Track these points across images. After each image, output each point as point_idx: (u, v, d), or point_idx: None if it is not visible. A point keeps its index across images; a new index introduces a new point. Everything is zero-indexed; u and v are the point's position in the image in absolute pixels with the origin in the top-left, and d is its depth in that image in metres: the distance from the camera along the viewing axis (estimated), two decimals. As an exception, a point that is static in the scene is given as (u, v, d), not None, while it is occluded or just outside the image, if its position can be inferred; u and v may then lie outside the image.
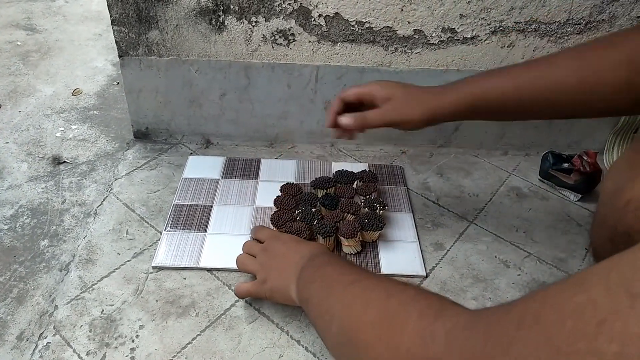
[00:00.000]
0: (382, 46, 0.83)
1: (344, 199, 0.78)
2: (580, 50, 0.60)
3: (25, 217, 0.78)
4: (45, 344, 0.60)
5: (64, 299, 0.65)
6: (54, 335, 0.61)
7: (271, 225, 0.73)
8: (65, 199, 0.81)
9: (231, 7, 0.79)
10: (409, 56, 0.85)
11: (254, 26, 0.81)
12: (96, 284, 0.67)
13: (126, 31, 0.82)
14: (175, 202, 0.80)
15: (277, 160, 0.91)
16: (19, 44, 1.28)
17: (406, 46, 0.84)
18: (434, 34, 0.82)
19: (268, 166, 0.89)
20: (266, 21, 0.81)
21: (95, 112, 1.04)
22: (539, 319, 0.28)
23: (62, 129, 0.98)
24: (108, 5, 0.79)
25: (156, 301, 0.65)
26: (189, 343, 0.60)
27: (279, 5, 0.79)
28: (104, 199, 0.81)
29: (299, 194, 0.78)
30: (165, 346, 0.60)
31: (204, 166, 0.88)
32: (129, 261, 0.70)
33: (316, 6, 0.79)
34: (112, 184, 0.84)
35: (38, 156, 0.90)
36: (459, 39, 0.83)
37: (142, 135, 0.94)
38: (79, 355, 0.58)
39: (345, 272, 0.52)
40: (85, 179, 0.86)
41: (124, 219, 0.77)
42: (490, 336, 0.31)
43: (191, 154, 0.92)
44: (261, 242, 0.68)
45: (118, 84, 1.13)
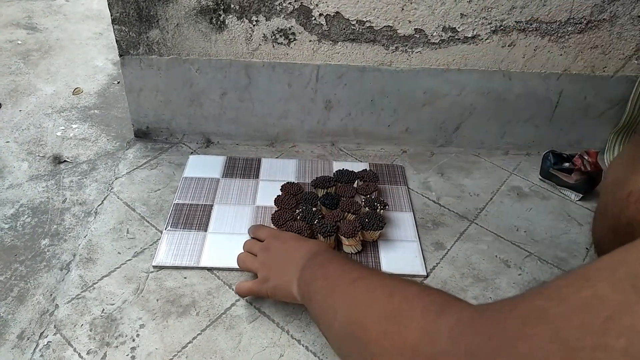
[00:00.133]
0: (383, 45, 0.83)
1: (344, 198, 0.78)
2: None
3: (26, 216, 0.78)
4: (45, 343, 0.60)
5: (64, 298, 0.65)
6: (54, 334, 0.61)
7: (272, 225, 0.73)
8: (66, 198, 0.81)
9: (232, 6, 0.79)
10: (409, 55, 0.85)
11: (254, 25, 0.81)
12: (97, 283, 0.67)
13: (127, 30, 0.82)
14: (176, 202, 0.80)
15: (278, 160, 0.91)
16: (19, 43, 1.28)
17: (407, 45, 0.84)
18: (434, 33, 0.82)
19: (268, 165, 0.89)
20: (267, 20, 0.81)
21: (95, 111, 1.04)
22: (545, 314, 0.28)
23: (63, 128, 0.98)
24: (109, 4, 0.79)
25: (157, 300, 0.65)
26: (189, 342, 0.60)
27: (279, 4, 0.79)
28: (104, 198, 0.81)
29: (300, 193, 0.78)
30: (165, 345, 0.60)
31: (204, 165, 0.88)
32: (129, 260, 0.70)
33: (317, 5, 0.79)
34: (112, 183, 0.84)
35: (39, 155, 0.90)
36: (459, 38, 0.83)
37: (142, 135, 0.94)
38: (79, 354, 0.59)
39: (347, 269, 0.52)
40: (86, 178, 0.86)
41: (124, 218, 0.77)
42: (496, 332, 0.31)
43: (192, 153, 0.92)
44: (261, 241, 0.68)
45: (119, 83, 1.13)
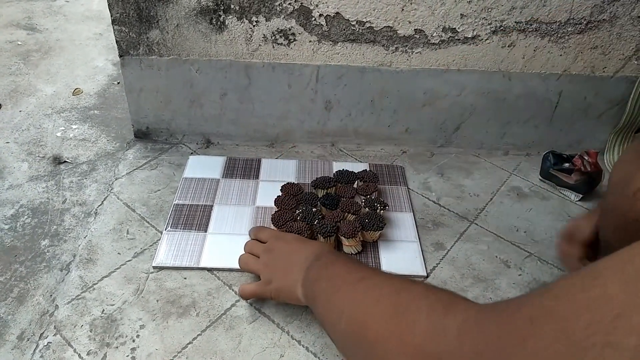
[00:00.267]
0: (383, 46, 0.83)
1: (344, 198, 0.78)
2: None
3: (26, 216, 0.78)
4: (45, 344, 0.60)
5: (64, 299, 0.65)
6: (54, 335, 0.61)
7: (272, 225, 0.73)
8: (66, 199, 0.81)
9: (232, 6, 0.79)
10: (409, 56, 0.85)
11: (254, 26, 0.81)
12: (97, 283, 0.67)
13: (127, 31, 0.82)
14: (176, 202, 0.80)
15: (278, 160, 0.91)
16: (19, 43, 1.28)
17: (407, 46, 0.84)
18: (434, 34, 0.82)
19: (268, 166, 0.89)
20: (267, 21, 0.81)
21: (95, 111, 1.04)
22: (553, 313, 0.28)
23: (63, 128, 0.98)
24: (109, 5, 0.79)
25: (157, 301, 0.65)
26: (189, 343, 0.60)
27: (279, 4, 0.79)
28: (104, 199, 0.81)
29: (300, 194, 0.78)
30: (165, 346, 0.60)
31: (204, 166, 0.88)
32: (129, 261, 0.70)
33: (317, 6, 0.79)
34: (112, 183, 0.84)
35: (38, 156, 0.90)
36: (459, 39, 0.83)
37: (142, 135, 0.94)
38: (79, 355, 0.59)
39: (352, 269, 0.52)
40: (86, 178, 0.86)
41: (124, 218, 0.77)
42: (503, 331, 0.31)
43: (192, 153, 0.92)
44: (263, 242, 0.68)
45: (119, 83, 1.13)
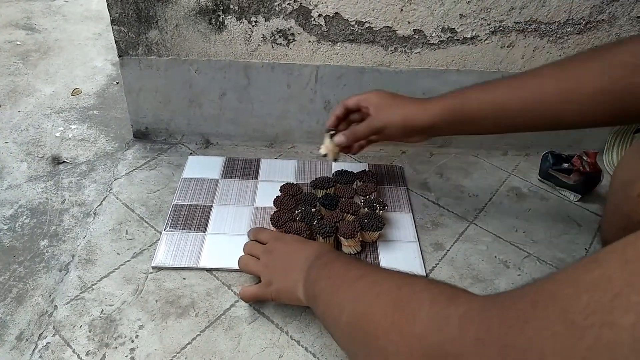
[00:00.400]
0: (382, 46, 0.83)
1: (343, 199, 0.78)
2: (562, 62, 0.62)
3: (25, 217, 0.78)
4: (44, 344, 0.60)
5: (63, 299, 0.65)
6: (53, 335, 0.61)
7: (271, 226, 0.73)
8: (65, 199, 0.81)
9: (231, 6, 0.79)
10: (408, 56, 0.85)
11: (253, 26, 0.81)
12: (96, 284, 0.67)
13: (126, 31, 0.82)
14: (175, 202, 0.80)
15: (277, 160, 0.91)
16: (18, 43, 1.28)
17: (406, 46, 0.84)
18: (433, 34, 0.82)
19: (268, 166, 0.89)
20: (266, 21, 0.81)
21: (94, 111, 1.04)
22: (554, 296, 0.28)
23: (62, 128, 0.98)
24: (108, 5, 0.79)
25: (156, 301, 0.65)
26: (188, 343, 0.60)
27: (278, 5, 0.79)
28: (103, 199, 0.81)
29: (299, 194, 0.78)
30: (164, 346, 0.60)
31: (203, 166, 0.88)
32: (128, 261, 0.70)
33: (316, 6, 0.79)
34: (111, 184, 0.84)
35: (37, 156, 0.90)
36: (458, 39, 0.83)
37: (141, 135, 0.94)
38: (78, 355, 0.58)
39: (353, 267, 0.52)
40: (85, 179, 0.86)
41: (123, 219, 0.77)
42: (505, 317, 0.31)
43: (191, 154, 0.92)
44: (263, 244, 0.68)
45: (117, 83, 1.13)
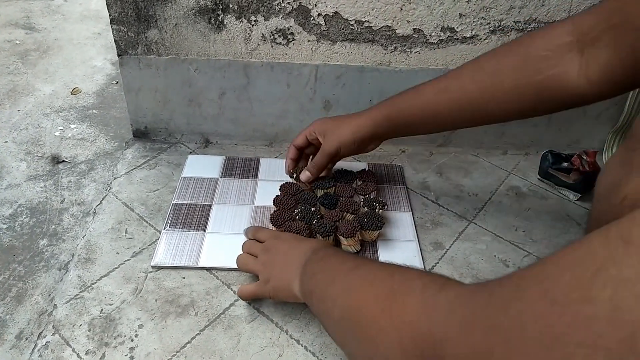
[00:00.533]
0: (382, 45, 0.83)
1: (343, 198, 0.78)
2: (480, 60, 0.64)
3: (24, 216, 0.78)
4: (44, 344, 0.60)
5: (63, 299, 0.65)
6: (53, 334, 0.61)
7: (270, 225, 0.73)
8: (64, 198, 0.81)
9: (230, 6, 0.79)
10: (408, 55, 0.85)
11: (253, 25, 0.81)
12: (95, 283, 0.67)
13: (125, 30, 0.82)
14: (175, 202, 0.80)
15: (277, 160, 0.91)
16: (17, 42, 1.28)
17: (405, 45, 0.84)
18: (433, 33, 0.82)
19: (267, 165, 0.89)
20: (265, 20, 0.81)
21: (94, 111, 1.04)
22: (538, 277, 0.28)
23: (61, 128, 0.98)
24: (107, 4, 0.79)
25: (155, 300, 0.65)
26: (188, 342, 0.60)
27: (278, 4, 0.79)
28: (103, 198, 0.81)
29: (299, 193, 0.78)
30: (164, 345, 0.60)
31: (203, 165, 0.88)
32: (128, 260, 0.70)
33: (315, 5, 0.79)
34: (111, 183, 0.84)
35: (37, 155, 0.90)
36: (458, 38, 0.83)
37: (141, 135, 0.94)
38: (78, 354, 0.58)
39: (347, 260, 0.53)
40: (84, 178, 0.86)
41: (123, 218, 0.77)
42: (491, 299, 0.31)
43: (190, 153, 0.92)
44: (261, 242, 0.68)
45: (117, 83, 1.13)
